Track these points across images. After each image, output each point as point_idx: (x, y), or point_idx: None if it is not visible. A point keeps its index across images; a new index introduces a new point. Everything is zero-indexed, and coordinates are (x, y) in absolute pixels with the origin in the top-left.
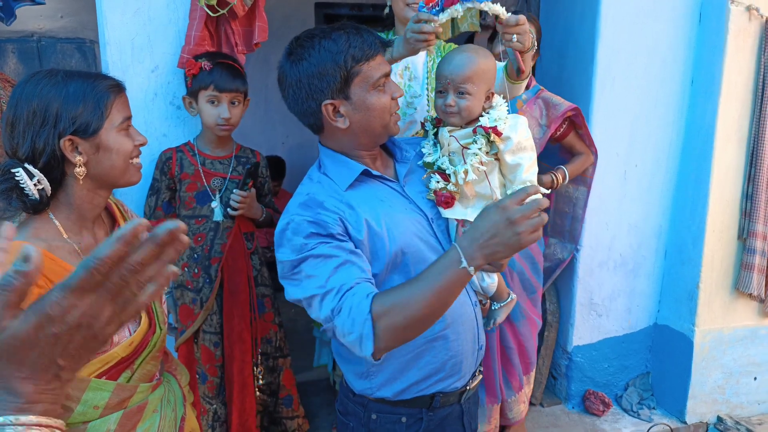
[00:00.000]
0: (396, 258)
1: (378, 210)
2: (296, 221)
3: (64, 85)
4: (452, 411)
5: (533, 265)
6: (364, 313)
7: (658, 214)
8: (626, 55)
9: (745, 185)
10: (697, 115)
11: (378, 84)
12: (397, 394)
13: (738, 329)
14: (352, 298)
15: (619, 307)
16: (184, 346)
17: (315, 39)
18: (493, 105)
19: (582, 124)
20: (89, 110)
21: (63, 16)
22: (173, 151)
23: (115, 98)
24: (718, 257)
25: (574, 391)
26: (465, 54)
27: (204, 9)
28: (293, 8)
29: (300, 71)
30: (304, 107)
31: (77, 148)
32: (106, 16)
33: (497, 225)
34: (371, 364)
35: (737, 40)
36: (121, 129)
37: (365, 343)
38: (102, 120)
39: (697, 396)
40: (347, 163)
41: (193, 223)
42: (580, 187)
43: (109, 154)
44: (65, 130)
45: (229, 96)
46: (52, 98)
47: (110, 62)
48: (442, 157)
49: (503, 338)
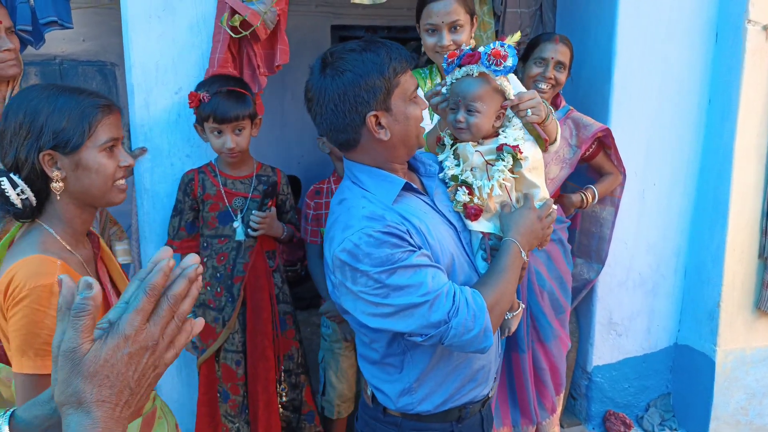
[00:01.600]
0: (447, 268)
1: (426, 222)
2: (371, 233)
3: (54, 99)
4: (475, 420)
5: (562, 285)
6: (483, 308)
7: (676, 233)
8: (642, 76)
9: (765, 204)
10: (715, 134)
11: (413, 95)
12: (438, 406)
13: (760, 349)
14: (463, 297)
15: (638, 326)
16: (205, 366)
17: (356, 52)
18: (505, 124)
19: (611, 145)
20: (72, 126)
21: (85, 40)
22: (195, 172)
23: (103, 117)
24: (739, 276)
25: (595, 412)
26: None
27: (227, 31)
28: (309, 30)
29: (345, 83)
30: (346, 121)
31: (56, 163)
32: (131, 38)
33: (533, 222)
34: (414, 380)
35: (754, 58)
36: (104, 149)
37: (488, 335)
38: (83, 138)
39: (720, 417)
40: (387, 177)
41: (215, 242)
42: (608, 207)
43: (88, 173)
44: (45, 143)
45: (231, 126)
46: (39, 111)
47: (135, 84)
48: (465, 171)
49: (535, 359)
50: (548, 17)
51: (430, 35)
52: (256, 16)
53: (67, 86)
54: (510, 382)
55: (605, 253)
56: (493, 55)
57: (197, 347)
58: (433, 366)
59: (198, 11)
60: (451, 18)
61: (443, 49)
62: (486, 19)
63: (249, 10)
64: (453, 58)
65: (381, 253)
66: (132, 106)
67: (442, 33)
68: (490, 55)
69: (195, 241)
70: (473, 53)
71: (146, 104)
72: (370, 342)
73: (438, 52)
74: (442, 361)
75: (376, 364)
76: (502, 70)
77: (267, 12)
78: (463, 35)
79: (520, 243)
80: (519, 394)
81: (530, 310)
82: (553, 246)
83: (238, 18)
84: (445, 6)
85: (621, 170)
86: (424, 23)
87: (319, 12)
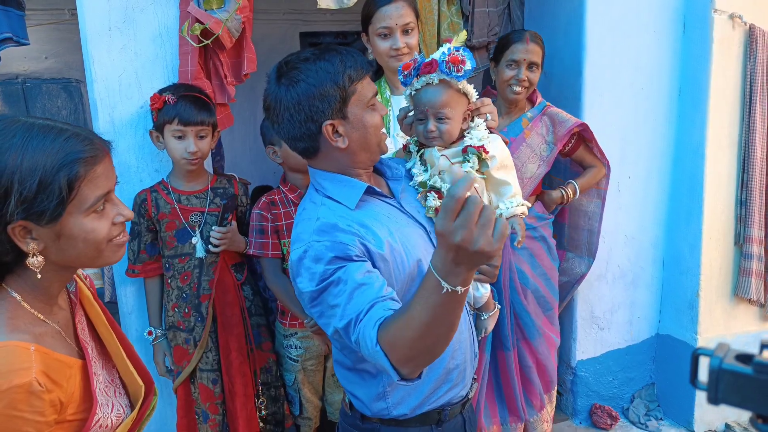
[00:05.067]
0: (413, 270)
1: (389, 226)
2: (315, 248)
3: (20, 152)
4: (456, 422)
5: (547, 281)
6: (373, 346)
7: (653, 225)
8: (613, 70)
9: (739, 191)
10: (687, 124)
11: (371, 102)
12: (414, 409)
13: (740, 335)
14: (363, 329)
15: (620, 319)
16: (182, 388)
17: (309, 61)
18: (471, 126)
19: (590, 138)
20: (46, 194)
21: (47, 57)
22: (147, 192)
23: (88, 172)
24: (717, 264)
25: (581, 406)
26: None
27: (189, 41)
28: (279, 39)
29: (299, 93)
30: (302, 130)
31: (31, 232)
32: (91, 53)
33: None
34: (387, 384)
35: (722, 48)
36: (92, 211)
37: (390, 373)
38: (63, 206)
39: (704, 404)
40: (349, 182)
41: (176, 262)
42: (594, 200)
43: (73, 242)
44: (13, 216)
45: (195, 129)
46: (2, 170)
47: (98, 99)
48: (434, 177)
49: (521, 357)
50: (516, 15)
51: (384, 39)
52: (218, 24)
53: (38, 124)
54: (497, 381)
55: (595, 246)
56: (451, 62)
57: (171, 371)
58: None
59: (160, 22)
60: (404, 20)
61: (398, 51)
62: (455, 20)
63: (211, 19)
64: (408, 69)
65: (318, 269)
66: (96, 121)
67: (396, 36)
68: (448, 63)
69: (157, 263)
70: (430, 62)
71: (111, 120)
72: (341, 348)
73: (393, 57)
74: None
75: (351, 369)
76: (462, 75)
77: (230, 19)
78: (414, 38)
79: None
80: (506, 392)
81: (513, 308)
82: (536, 243)
83: (199, 26)
84: (397, 9)
85: (604, 162)
86: (376, 28)
87: (287, 19)
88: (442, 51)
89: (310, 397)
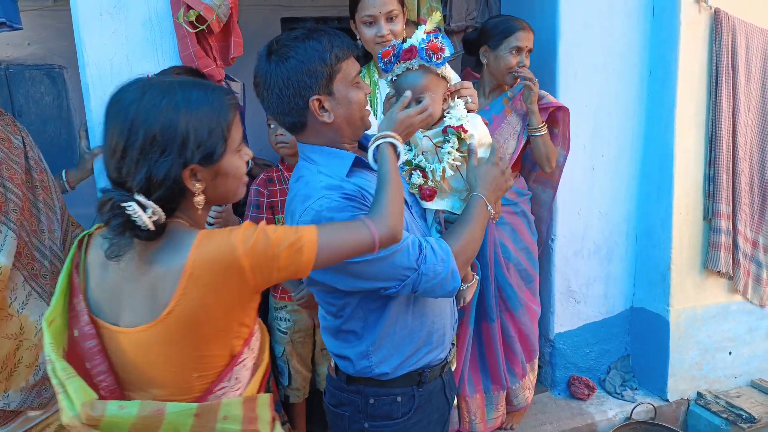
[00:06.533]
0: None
1: None
2: (332, 199)
3: (185, 105)
4: (436, 384)
5: (529, 255)
6: (449, 252)
7: (626, 201)
8: (586, 51)
9: (707, 168)
10: (657, 104)
11: (355, 80)
12: (395, 368)
13: (710, 306)
14: (428, 245)
15: (596, 292)
16: None
17: (299, 40)
18: (451, 105)
19: (560, 123)
20: (215, 136)
21: (30, 44)
22: None
23: (234, 117)
24: (686, 238)
25: (559, 378)
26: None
27: (184, 26)
28: (261, 24)
29: (288, 69)
30: (291, 105)
31: (196, 175)
32: (83, 37)
33: (497, 176)
34: (370, 344)
35: (689, 31)
36: (237, 150)
37: (455, 277)
38: (225, 146)
39: (677, 374)
40: (338, 153)
41: None
42: (548, 189)
43: (225, 179)
44: (190, 159)
45: None
46: (175, 123)
47: (90, 83)
48: (418, 156)
49: (504, 328)
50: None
51: (369, 27)
52: (210, 11)
53: (186, 83)
54: (480, 351)
55: (544, 234)
56: (431, 49)
57: None
58: (388, 330)
59: (150, 7)
60: (388, 8)
61: (382, 38)
62: (434, 5)
63: (203, 5)
64: (388, 56)
65: (343, 217)
66: (88, 104)
67: (380, 23)
68: (427, 50)
69: None
70: (410, 49)
71: (103, 103)
72: (338, 310)
73: (378, 43)
74: (397, 325)
75: (339, 332)
76: (441, 62)
77: (220, 5)
78: (398, 25)
79: (486, 197)
80: (489, 361)
81: (497, 281)
82: (517, 219)
83: (194, 13)
84: None
85: (565, 147)
86: (361, 16)
87: (268, 5)
88: (419, 37)
89: (299, 368)
